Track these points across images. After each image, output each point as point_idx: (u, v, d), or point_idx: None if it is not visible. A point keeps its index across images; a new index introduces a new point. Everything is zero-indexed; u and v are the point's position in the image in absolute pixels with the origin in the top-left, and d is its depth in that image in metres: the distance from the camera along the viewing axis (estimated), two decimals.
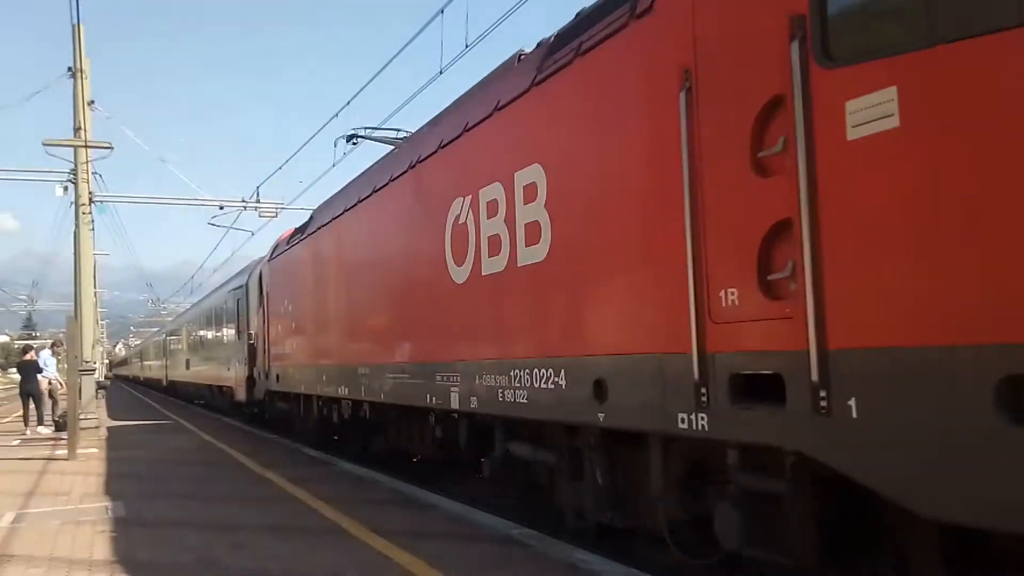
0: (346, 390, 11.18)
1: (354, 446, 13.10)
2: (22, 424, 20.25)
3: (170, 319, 53.98)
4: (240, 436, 18.38)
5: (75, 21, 17.70)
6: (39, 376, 20.11)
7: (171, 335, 44.68)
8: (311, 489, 9.69)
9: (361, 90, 14.97)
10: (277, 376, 16.11)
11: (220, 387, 25.57)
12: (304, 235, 14.10)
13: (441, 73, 11.60)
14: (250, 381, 19.63)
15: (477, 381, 7.10)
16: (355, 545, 6.71)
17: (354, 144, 13.53)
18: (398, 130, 12.71)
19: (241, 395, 20.93)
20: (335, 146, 13.74)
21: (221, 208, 23.23)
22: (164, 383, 47.26)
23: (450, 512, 8.13)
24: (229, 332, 23.43)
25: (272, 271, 16.98)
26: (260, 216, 23.03)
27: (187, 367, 35.08)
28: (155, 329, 64.00)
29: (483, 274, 7.03)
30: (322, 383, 12.53)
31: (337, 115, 16.08)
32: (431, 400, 8.17)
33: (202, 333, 30.68)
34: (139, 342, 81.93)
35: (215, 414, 27.01)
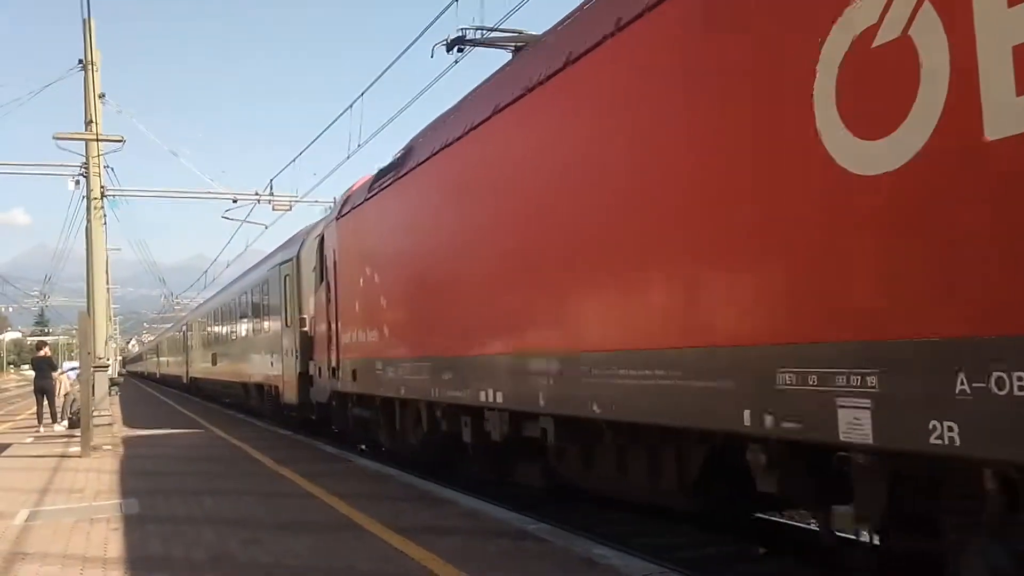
0: (499, 396, 7.32)
1: (489, 476, 9.54)
2: (35, 421, 20.36)
3: (190, 310, 47.47)
4: (258, 432, 18.36)
5: (86, 14, 17.69)
6: (62, 375, 20.23)
7: (193, 326, 39.29)
8: (326, 485, 9.62)
9: (374, 82, 14.83)
10: (354, 373, 11.91)
11: (260, 386, 21.52)
12: (403, 171, 9.84)
13: (456, 63, 11.46)
14: (304, 379, 15.85)
15: (983, 382, 3.17)
16: (370, 541, 6.63)
17: (460, 51, 10.75)
18: (518, 32, 9.95)
19: (292, 396, 17.01)
20: (431, 56, 10.70)
21: (235, 201, 23.13)
22: (185, 380, 42.58)
23: (466, 507, 8.05)
24: (272, 318, 19.52)
25: (344, 232, 12.62)
26: (274, 209, 22.98)
27: (214, 363, 30.21)
28: (169, 325, 62.80)
29: (990, 138, 3.17)
30: (444, 384, 8.48)
31: (351, 107, 16.00)
32: (764, 422, 4.28)
33: (233, 321, 26.13)
34: (153, 337, 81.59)
35: (248, 417, 23.39)
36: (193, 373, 39.02)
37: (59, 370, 20.58)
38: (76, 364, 19.80)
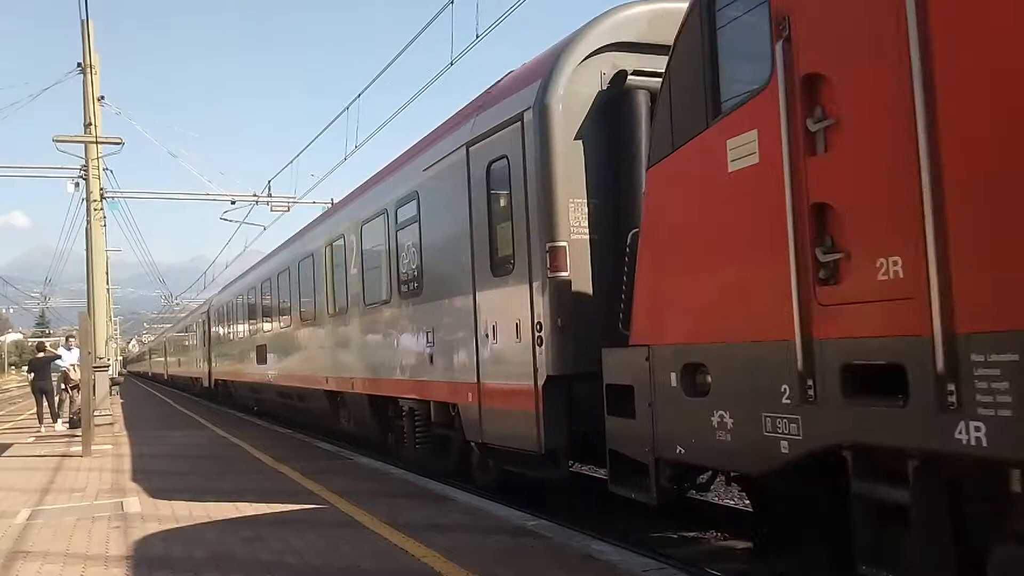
0: None
1: None
2: (36, 421, 20.38)
3: (221, 286, 33.79)
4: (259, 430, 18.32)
5: (84, 17, 17.72)
6: (63, 366, 20.20)
7: (223, 309, 28.74)
8: (326, 482, 9.66)
9: (371, 84, 14.86)
10: None
11: (388, 401, 11.62)
12: None
13: (452, 64, 11.52)
14: (560, 392, 7.16)
15: None
16: (371, 538, 6.67)
17: None
18: None
19: (518, 431, 7.56)
20: None
21: (233, 203, 23.22)
22: (207, 384, 31.70)
23: (465, 504, 8.08)
24: (426, 265, 9.89)
25: None
26: (272, 210, 23.08)
27: (261, 359, 20.63)
28: (168, 326, 61.75)
29: None
30: None
31: (347, 109, 16.08)
32: None
33: (309, 287, 15.83)
34: (153, 337, 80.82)
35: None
36: (220, 374, 28.84)
37: (60, 365, 20.47)
38: (69, 351, 19.85)
